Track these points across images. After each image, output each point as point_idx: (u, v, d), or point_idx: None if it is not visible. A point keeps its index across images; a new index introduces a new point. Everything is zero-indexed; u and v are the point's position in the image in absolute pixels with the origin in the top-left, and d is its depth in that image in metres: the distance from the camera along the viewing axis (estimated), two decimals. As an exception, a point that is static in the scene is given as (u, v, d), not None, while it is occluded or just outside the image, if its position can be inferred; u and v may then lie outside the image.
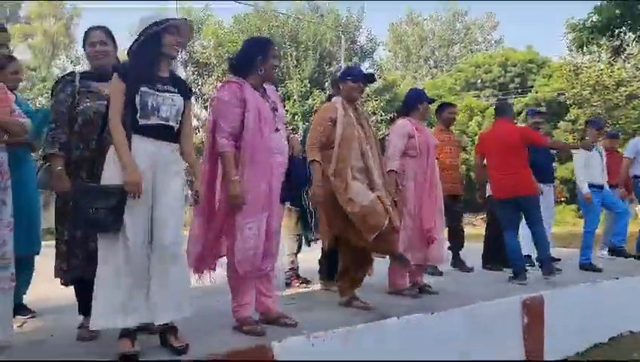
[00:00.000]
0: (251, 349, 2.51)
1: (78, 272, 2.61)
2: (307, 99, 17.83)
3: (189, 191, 2.75)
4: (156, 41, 2.50)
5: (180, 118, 2.57)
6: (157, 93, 2.47)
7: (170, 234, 2.44)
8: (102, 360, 2.31)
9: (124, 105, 2.42)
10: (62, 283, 2.71)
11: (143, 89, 2.43)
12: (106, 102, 2.61)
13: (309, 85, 17.99)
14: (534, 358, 3.90)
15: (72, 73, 2.79)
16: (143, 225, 2.39)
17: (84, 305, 2.71)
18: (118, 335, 2.37)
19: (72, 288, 2.79)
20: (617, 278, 5.10)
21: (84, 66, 24.24)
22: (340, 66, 18.96)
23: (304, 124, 17.10)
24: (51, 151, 2.60)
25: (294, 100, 17.45)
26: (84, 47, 2.81)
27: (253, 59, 2.90)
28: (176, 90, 2.57)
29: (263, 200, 2.81)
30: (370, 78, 3.73)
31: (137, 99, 2.42)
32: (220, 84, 2.94)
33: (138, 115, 2.42)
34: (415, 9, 37.53)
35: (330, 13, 20.85)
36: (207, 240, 2.88)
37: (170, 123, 2.52)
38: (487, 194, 5.61)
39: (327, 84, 18.46)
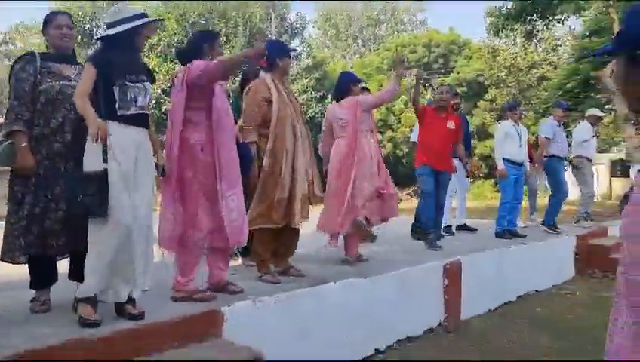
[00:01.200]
0: (204, 314, 2.73)
1: (33, 249, 2.68)
2: (237, 77, 17.68)
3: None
4: (136, 36, 2.67)
5: (149, 104, 2.74)
6: (134, 84, 2.62)
7: (149, 213, 2.67)
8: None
9: (101, 96, 2.54)
10: (13, 263, 2.74)
11: (121, 82, 2.58)
12: (68, 82, 2.71)
13: (239, 62, 17.82)
14: (453, 316, 4.38)
15: (32, 53, 2.83)
16: (129, 206, 2.54)
17: (37, 280, 2.81)
18: (75, 301, 2.53)
19: (4, 266, 2.85)
20: (525, 244, 5.72)
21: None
22: (271, 44, 18.91)
23: (230, 100, 16.98)
24: (16, 128, 2.64)
25: (224, 77, 17.27)
26: (46, 29, 2.84)
27: (201, 46, 3.11)
28: (147, 78, 2.73)
29: (238, 173, 3.08)
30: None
31: (116, 91, 2.56)
32: (181, 71, 3.07)
33: (117, 105, 2.56)
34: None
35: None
36: (184, 222, 3.01)
37: (145, 110, 2.70)
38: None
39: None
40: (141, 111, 2.67)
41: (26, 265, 2.79)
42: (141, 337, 2.46)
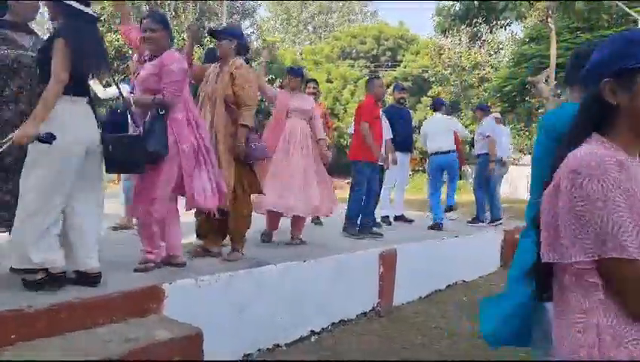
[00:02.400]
0: (146, 288, 2.76)
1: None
2: (184, 54, 17.30)
3: None
4: None
5: None
6: None
7: None
8: None
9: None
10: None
11: None
12: (24, 51, 2.63)
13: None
14: (386, 301, 4.59)
15: None
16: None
17: None
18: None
19: None
20: (457, 236, 6.04)
21: None
22: (221, 23, 18.55)
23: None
24: None
25: (171, 53, 16.80)
26: None
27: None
28: None
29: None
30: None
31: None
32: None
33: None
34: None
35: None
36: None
37: None
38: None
39: (206, 40, 18.02)
40: None
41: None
42: (80, 311, 2.46)
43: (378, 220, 6.05)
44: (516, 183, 14.74)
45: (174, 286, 2.88)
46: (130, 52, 10.91)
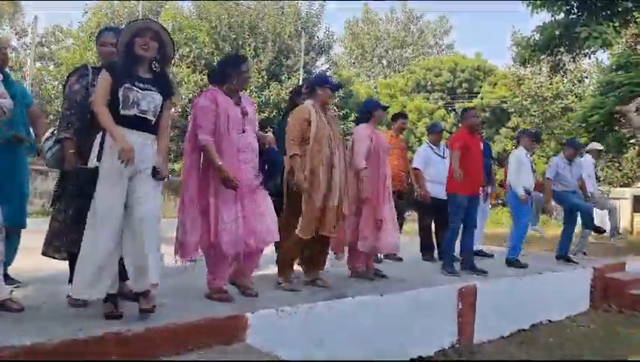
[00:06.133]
0: (229, 317, 2.89)
1: (77, 247, 2.86)
2: (263, 91, 18.01)
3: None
4: (128, 45, 2.82)
5: (157, 113, 2.87)
6: (137, 90, 2.78)
7: (149, 214, 2.74)
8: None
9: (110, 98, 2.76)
10: (57, 258, 2.99)
11: (126, 85, 2.75)
12: None
13: (266, 77, 18.14)
14: (465, 339, 4.45)
15: (86, 67, 3.06)
16: (114, 203, 2.69)
17: None
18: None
19: (41, 261, 3.12)
20: (540, 273, 5.77)
21: (29, 37, 23.54)
22: (298, 60, 19.23)
23: (259, 115, 17.33)
24: (66, 135, 2.88)
25: (251, 91, 17.58)
26: (96, 44, 3.08)
27: (226, 71, 3.36)
28: (156, 90, 2.87)
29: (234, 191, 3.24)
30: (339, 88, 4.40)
31: (120, 93, 2.74)
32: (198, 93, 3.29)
33: (120, 106, 2.74)
34: (372, 8, 38.35)
35: (290, 7, 21.04)
36: (203, 231, 3.22)
37: (148, 116, 2.83)
38: (415, 194, 6.17)
39: (284, 77, 18.72)
40: (142, 115, 2.79)
41: (66, 262, 2.99)
42: (171, 335, 2.62)
43: (456, 254, 5.91)
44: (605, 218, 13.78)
45: (257, 315, 2.98)
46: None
